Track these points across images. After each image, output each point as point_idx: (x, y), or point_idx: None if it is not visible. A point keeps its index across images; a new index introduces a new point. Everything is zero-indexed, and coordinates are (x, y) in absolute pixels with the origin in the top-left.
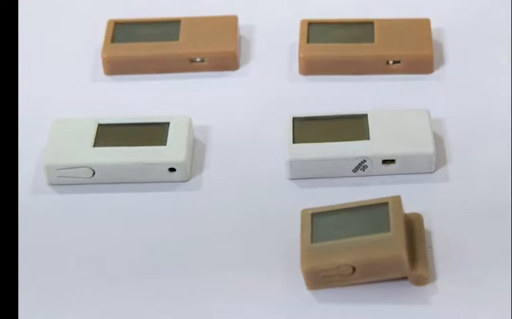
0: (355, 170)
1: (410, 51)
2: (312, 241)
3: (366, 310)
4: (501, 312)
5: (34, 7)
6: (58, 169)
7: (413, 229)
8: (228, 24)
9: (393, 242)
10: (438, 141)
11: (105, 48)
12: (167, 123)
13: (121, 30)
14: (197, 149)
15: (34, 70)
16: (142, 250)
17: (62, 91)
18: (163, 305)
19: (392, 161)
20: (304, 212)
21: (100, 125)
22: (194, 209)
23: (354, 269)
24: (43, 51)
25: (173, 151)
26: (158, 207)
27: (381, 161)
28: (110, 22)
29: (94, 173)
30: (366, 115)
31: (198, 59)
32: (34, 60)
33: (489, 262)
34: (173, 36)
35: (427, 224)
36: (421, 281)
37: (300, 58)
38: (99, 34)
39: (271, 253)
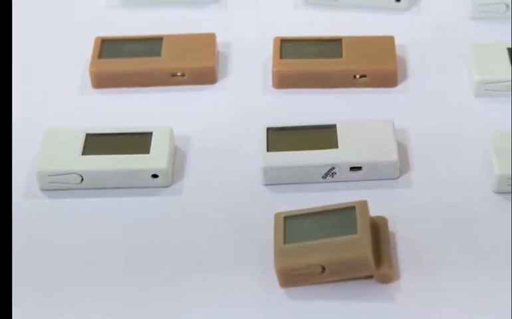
0: (324, 176)
1: (376, 66)
2: (284, 242)
3: (334, 306)
4: (460, 309)
5: (27, 26)
6: (49, 176)
7: (379, 231)
8: (207, 41)
9: (359, 244)
10: (402, 149)
11: (92, 64)
12: (150, 133)
13: (107, 47)
14: (178, 157)
15: (28, 84)
16: (127, 251)
17: (54, 103)
18: (147, 303)
19: (359, 168)
20: (277, 215)
21: (88, 135)
22: (175, 212)
23: (323, 268)
24: (36, 66)
25: (155, 158)
26: (142, 211)
27: (348, 168)
28: (97, 39)
29: (82, 179)
30: (334, 126)
31: (179, 73)
32: (28, 74)
33: (449, 262)
34: (156, 52)
35: (391, 227)
36: (385, 279)
37: (273, 73)
38: (87, 51)
39: (247, 254)
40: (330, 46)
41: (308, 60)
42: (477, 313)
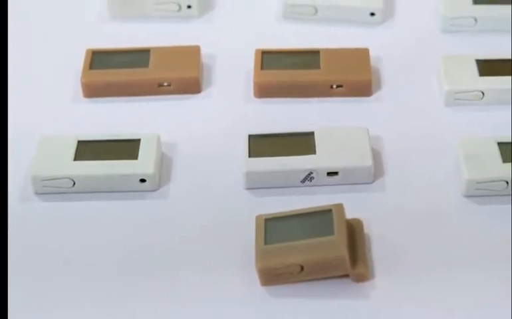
0: (303, 181)
1: (351, 76)
2: (265, 243)
3: (312, 304)
4: (431, 306)
5: (23, 39)
6: (42, 180)
7: (354, 233)
8: (192, 53)
9: (336, 244)
10: (376, 155)
11: (84, 74)
12: (139, 140)
13: (98, 58)
14: (164, 162)
15: (23, 93)
16: (116, 252)
17: (47, 111)
18: (135, 302)
19: (336, 173)
20: (258, 217)
21: (79, 142)
22: (162, 215)
23: (302, 268)
24: (31, 77)
25: (143, 164)
26: (130, 214)
27: (326, 173)
28: (88, 51)
29: (74, 184)
30: (312, 133)
31: (165, 83)
32: (23, 84)
33: (421, 261)
34: (144, 63)
35: (366, 229)
36: (361, 278)
37: (255, 83)
38: (79, 62)
39: (229, 254)
40: (309, 57)
41: (287, 71)
42: (447, 309)
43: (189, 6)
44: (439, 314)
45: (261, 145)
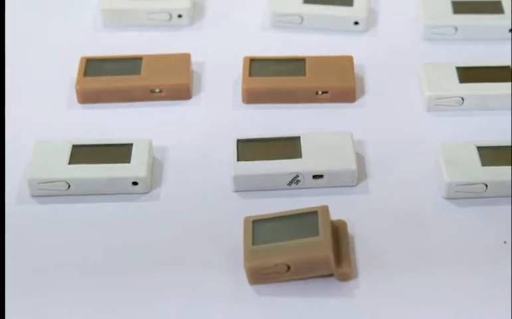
0: (289, 184)
1: (336, 83)
2: (253, 244)
3: (298, 302)
4: (411, 304)
5: (20, 47)
6: (39, 183)
7: (339, 234)
8: (182, 61)
9: (321, 245)
10: (360, 159)
11: (78, 81)
12: (131, 144)
13: (92, 66)
14: (156, 166)
15: (20, 100)
16: (110, 252)
17: (43, 117)
18: (127, 299)
19: (321, 176)
20: (246, 219)
21: (74, 146)
22: (153, 216)
23: (288, 267)
24: (27, 84)
25: (135, 167)
26: (123, 215)
27: (311, 176)
28: (82, 59)
29: (69, 186)
30: (298, 137)
31: (157, 90)
32: (20, 91)
33: (402, 261)
34: (136, 70)
35: (350, 230)
36: (345, 277)
37: (243, 89)
38: (73, 69)
39: (218, 254)
40: (295, 65)
41: (274, 78)
42: (428, 307)
43: (179, 16)
44: (420, 311)
45: (249, 149)
